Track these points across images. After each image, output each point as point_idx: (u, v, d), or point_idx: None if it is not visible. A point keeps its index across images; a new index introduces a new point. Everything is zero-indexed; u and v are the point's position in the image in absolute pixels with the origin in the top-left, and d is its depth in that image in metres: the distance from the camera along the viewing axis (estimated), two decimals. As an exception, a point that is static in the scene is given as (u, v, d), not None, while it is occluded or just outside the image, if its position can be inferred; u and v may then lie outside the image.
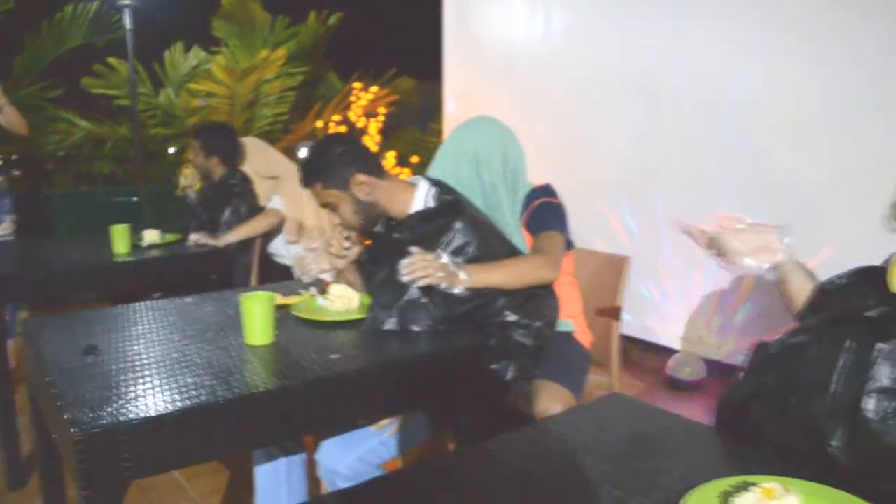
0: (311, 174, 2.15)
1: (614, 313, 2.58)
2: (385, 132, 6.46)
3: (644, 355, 4.19)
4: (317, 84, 7.22)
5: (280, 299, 2.16)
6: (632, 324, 4.10)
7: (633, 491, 1.07)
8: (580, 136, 4.31)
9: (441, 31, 5.25)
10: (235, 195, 3.62)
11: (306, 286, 2.28)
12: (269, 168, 3.88)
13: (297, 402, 1.54)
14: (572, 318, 2.45)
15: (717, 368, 3.76)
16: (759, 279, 3.17)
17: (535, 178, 2.47)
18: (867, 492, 1.04)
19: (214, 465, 2.92)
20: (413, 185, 2.19)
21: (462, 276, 1.89)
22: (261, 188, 3.83)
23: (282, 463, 2.06)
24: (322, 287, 2.16)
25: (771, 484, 0.94)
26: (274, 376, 1.56)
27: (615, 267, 2.62)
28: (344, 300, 2.05)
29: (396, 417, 1.98)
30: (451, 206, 2.10)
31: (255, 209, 3.67)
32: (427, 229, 2.06)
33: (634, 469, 1.14)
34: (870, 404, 1.08)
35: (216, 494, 2.73)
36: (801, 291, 1.38)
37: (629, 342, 4.15)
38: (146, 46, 6.36)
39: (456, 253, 2.02)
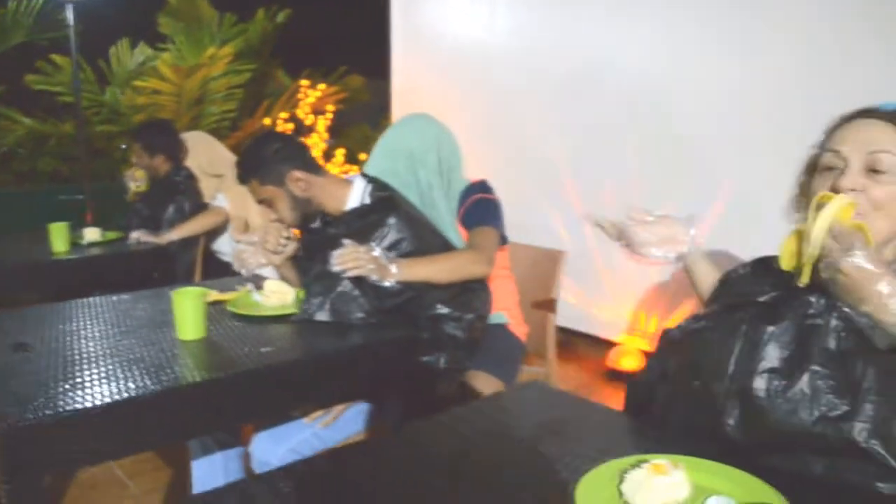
0: (248, 170, 2.17)
1: (549, 306, 2.64)
2: (335, 129, 6.47)
3: (586, 348, 4.28)
4: (265, 81, 7.20)
5: (216, 295, 2.18)
6: (574, 317, 4.18)
7: (537, 473, 1.13)
8: (525, 132, 4.38)
9: (388, 28, 5.28)
10: (179, 192, 3.61)
11: (244, 282, 2.30)
12: (213, 165, 3.87)
13: (226, 394, 1.57)
14: (507, 311, 2.51)
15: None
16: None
17: (482, 173, 2.52)
18: (759, 467, 1.11)
19: (157, 462, 2.92)
20: (349, 183, 2.23)
21: (393, 269, 1.93)
22: (206, 185, 3.82)
23: (218, 457, 2.08)
24: (258, 283, 2.18)
25: (660, 460, 1.00)
26: (203, 369, 1.58)
27: (551, 261, 2.68)
28: (279, 295, 2.08)
29: (330, 409, 2.02)
30: (385, 202, 2.15)
31: (200, 207, 3.66)
32: (361, 224, 2.10)
33: (540, 452, 1.19)
34: (759, 384, 1.14)
35: (158, 492, 2.74)
36: (706, 280, 1.46)
37: (572, 335, 4.23)
38: (92, 44, 6.27)
39: (390, 248, 2.06)
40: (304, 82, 6.40)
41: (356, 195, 2.21)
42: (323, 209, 2.21)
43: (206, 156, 3.87)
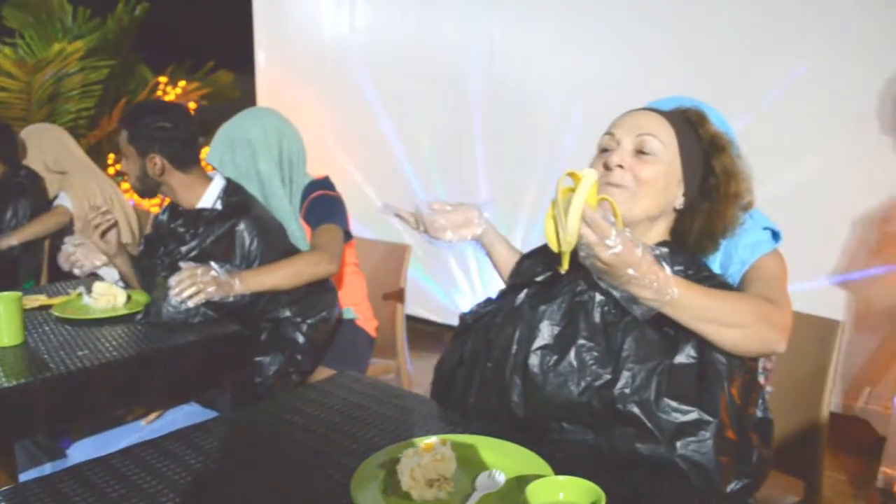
0: (128, 121, 2.17)
1: (398, 296, 2.70)
2: (201, 126, 6.28)
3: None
4: (127, 78, 6.92)
5: (42, 300, 2.12)
6: (431, 308, 4.27)
7: (331, 456, 1.17)
8: (384, 129, 4.42)
9: (251, 24, 5.21)
10: (18, 194, 3.44)
11: (76, 286, 2.25)
12: (58, 162, 3.68)
13: (38, 399, 1.53)
14: (355, 306, 2.54)
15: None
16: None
17: (343, 171, 2.54)
18: (541, 440, 1.20)
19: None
20: (209, 181, 2.23)
21: (236, 284, 1.94)
22: (49, 182, 3.65)
23: (47, 468, 2.02)
24: (89, 286, 2.12)
25: (431, 439, 1.06)
26: (13, 376, 1.54)
27: (398, 254, 2.74)
28: (108, 298, 2.04)
29: (162, 410, 2.00)
30: (236, 206, 2.16)
31: (41, 208, 3.50)
32: (210, 234, 2.11)
33: (335, 437, 1.24)
34: (534, 360, 1.23)
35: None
36: (505, 261, 1.55)
37: (430, 326, 4.30)
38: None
39: (243, 256, 2.09)
40: (163, 78, 6.21)
41: (211, 195, 2.21)
42: (174, 200, 2.22)
43: (52, 152, 3.69)
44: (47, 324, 1.94)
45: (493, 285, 3.81)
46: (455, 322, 1.46)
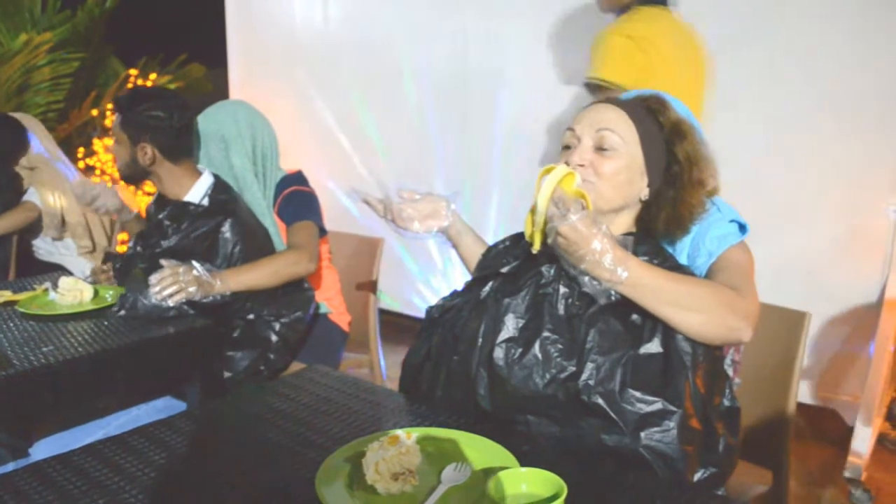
0: (122, 106, 2.16)
1: (370, 287, 2.69)
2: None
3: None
4: (98, 71, 6.83)
5: (7, 295, 2.09)
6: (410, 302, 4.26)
7: (297, 448, 1.17)
8: (357, 121, 4.39)
9: (224, 16, 5.15)
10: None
11: (42, 282, 2.22)
12: (28, 157, 3.63)
13: (1, 396, 1.51)
14: (328, 301, 2.53)
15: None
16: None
17: (314, 165, 2.52)
18: (507, 432, 1.20)
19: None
20: (198, 175, 2.22)
21: (217, 283, 1.94)
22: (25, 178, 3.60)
23: (9, 466, 1.98)
24: (54, 282, 2.09)
25: (396, 432, 1.06)
26: (-28, 372, 1.51)
27: (371, 248, 2.73)
28: (75, 293, 2.01)
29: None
30: (222, 205, 2.16)
31: (12, 203, 3.44)
32: (194, 230, 2.10)
33: (302, 431, 1.23)
34: (499, 353, 1.23)
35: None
36: (473, 254, 1.55)
37: (403, 319, 4.30)
38: None
39: (225, 257, 2.09)
40: (133, 71, 6.13)
41: (199, 190, 2.20)
42: (160, 190, 2.22)
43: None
44: (12, 320, 1.91)
45: (459, 278, 3.84)
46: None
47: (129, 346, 1.73)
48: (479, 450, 1.10)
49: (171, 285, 1.85)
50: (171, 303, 1.85)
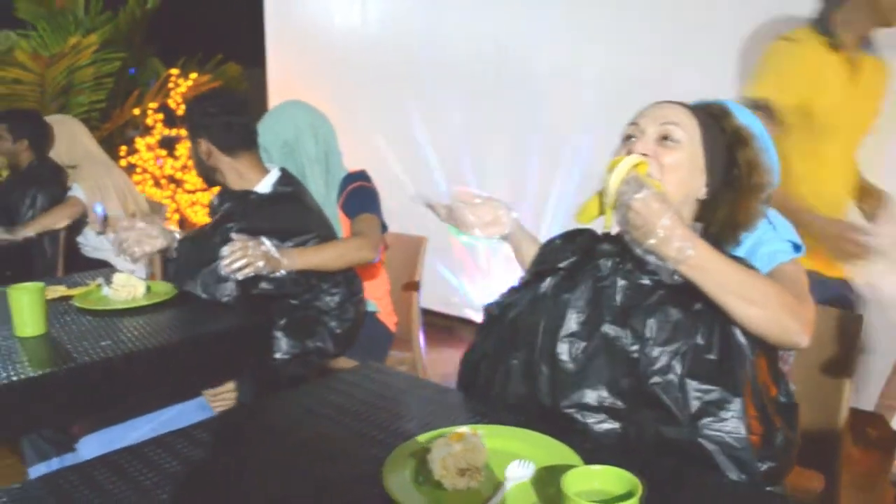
0: (185, 107, 2.33)
1: (413, 286, 2.71)
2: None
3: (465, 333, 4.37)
4: (139, 70, 6.94)
5: (62, 291, 2.13)
6: (457, 303, 4.27)
7: (359, 444, 1.18)
8: (398, 122, 4.41)
9: (262, 16, 5.21)
10: (36, 185, 3.47)
11: (94, 277, 2.26)
12: (70, 155, 3.71)
13: (61, 389, 1.55)
14: (377, 300, 2.56)
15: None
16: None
17: (354, 165, 2.57)
18: (568, 429, 1.20)
19: (9, 472, 2.80)
20: (264, 171, 2.26)
21: (284, 260, 1.99)
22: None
23: (54, 462, 2.03)
24: (108, 277, 2.13)
25: (462, 428, 1.06)
26: (38, 366, 1.55)
27: (414, 246, 2.75)
28: (128, 289, 2.04)
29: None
30: (285, 194, 2.21)
31: (57, 199, 3.52)
32: (257, 217, 2.13)
33: (362, 427, 1.24)
34: (563, 348, 1.24)
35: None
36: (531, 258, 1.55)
37: (443, 319, 4.30)
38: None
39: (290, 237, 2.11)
40: (174, 71, 6.21)
41: (266, 184, 2.24)
42: (226, 186, 2.25)
43: (65, 145, 3.71)
44: (68, 314, 1.95)
45: (505, 277, 3.84)
46: (468, 315, 1.46)
47: (186, 341, 1.76)
48: (542, 447, 1.11)
49: (240, 258, 1.91)
50: (239, 276, 1.91)
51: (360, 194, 2.43)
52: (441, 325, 4.25)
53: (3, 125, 3.52)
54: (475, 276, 4.20)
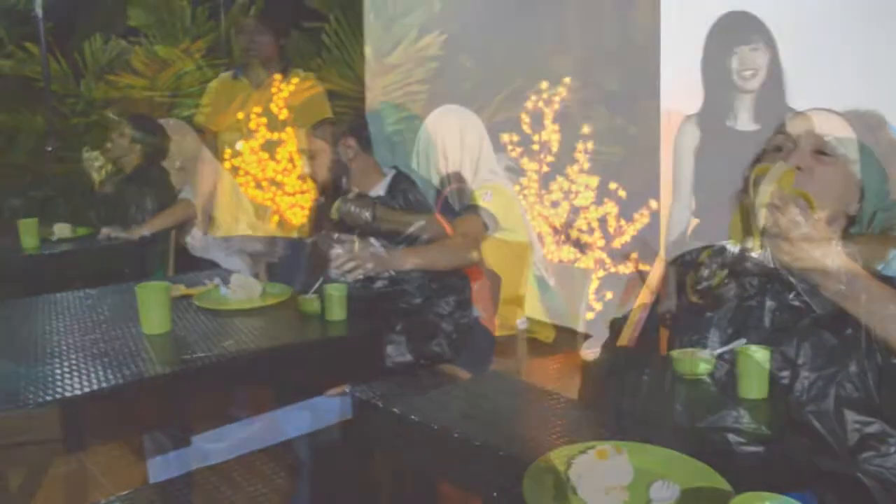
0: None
1: (518, 301, 2.67)
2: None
3: (561, 340, 4.30)
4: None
5: (183, 290, 2.18)
6: (550, 309, 4.20)
7: (491, 457, 1.15)
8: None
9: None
10: (146, 186, 3.60)
11: (211, 277, 2.32)
12: (182, 158, 3.85)
13: (185, 387, 1.59)
14: (479, 304, 2.54)
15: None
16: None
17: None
18: (707, 450, 1.14)
19: (129, 458, 2.91)
20: (384, 175, 2.32)
21: (392, 261, 2.04)
22: (173, 177, 3.81)
23: (171, 456, 2.08)
24: (226, 278, 2.17)
25: (604, 446, 1.03)
26: (164, 363, 1.59)
27: (518, 253, 2.71)
28: (245, 289, 2.08)
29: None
30: (401, 192, 2.25)
31: (168, 201, 3.64)
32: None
33: (486, 437, 1.22)
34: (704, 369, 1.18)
35: (131, 488, 2.72)
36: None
37: (549, 329, 4.24)
38: (64, 38, 6.17)
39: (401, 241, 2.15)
40: (277, 76, 6.35)
41: (383, 185, 2.29)
42: (352, 183, 2.29)
43: (177, 147, 3.86)
44: (188, 313, 2.00)
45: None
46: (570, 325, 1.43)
47: (303, 343, 1.78)
48: (682, 467, 1.06)
49: (348, 261, 1.94)
50: (349, 278, 1.94)
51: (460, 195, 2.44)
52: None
53: (127, 124, 3.68)
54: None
